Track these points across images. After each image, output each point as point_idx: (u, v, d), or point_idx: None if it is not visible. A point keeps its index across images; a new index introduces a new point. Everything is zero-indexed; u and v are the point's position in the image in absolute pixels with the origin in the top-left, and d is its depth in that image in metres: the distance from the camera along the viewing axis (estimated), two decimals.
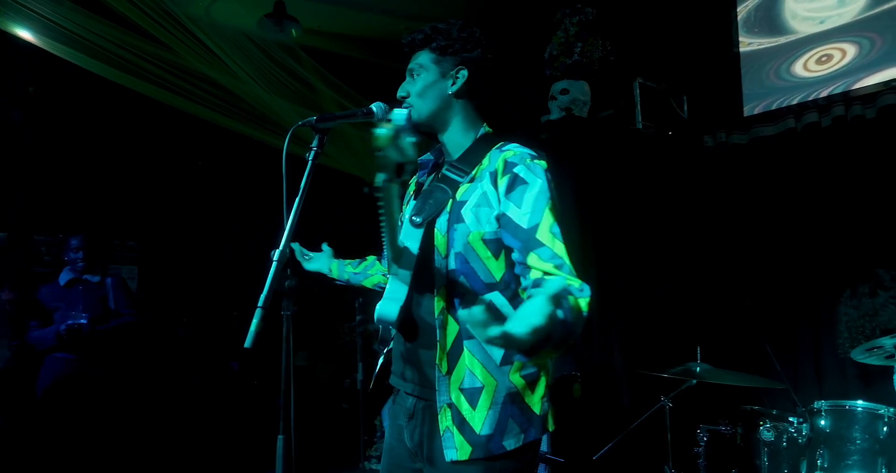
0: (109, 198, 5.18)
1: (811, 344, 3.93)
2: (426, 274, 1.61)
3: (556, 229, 1.49)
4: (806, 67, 4.10)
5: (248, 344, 1.40)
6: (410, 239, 1.63)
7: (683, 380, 3.21)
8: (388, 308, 1.59)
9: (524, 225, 1.50)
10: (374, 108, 1.68)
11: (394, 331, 1.76)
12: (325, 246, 2.39)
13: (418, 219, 1.62)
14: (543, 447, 3.40)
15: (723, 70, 4.34)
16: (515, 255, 1.53)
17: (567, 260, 1.45)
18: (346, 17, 5.00)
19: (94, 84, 4.58)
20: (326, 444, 4.65)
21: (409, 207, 1.74)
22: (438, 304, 1.58)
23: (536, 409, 1.59)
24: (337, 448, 4.78)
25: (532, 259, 1.47)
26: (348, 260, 2.31)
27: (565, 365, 3.54)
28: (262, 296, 1.40)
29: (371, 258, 2.27)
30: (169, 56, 4.61)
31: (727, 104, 4.31)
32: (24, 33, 4.18)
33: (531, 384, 1.58)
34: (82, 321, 3.93)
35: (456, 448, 1.53)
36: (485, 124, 1.73)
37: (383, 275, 2.13)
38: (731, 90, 4.30)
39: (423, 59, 1.69)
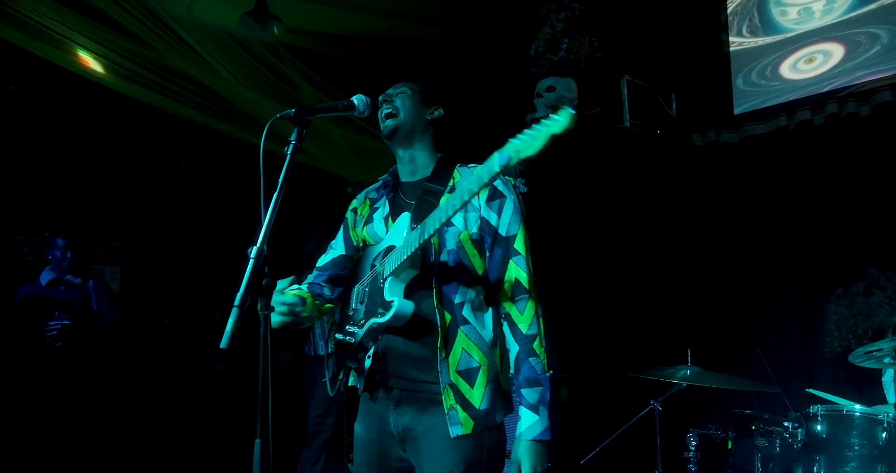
0: (92, 197, 5.12)
1: (802, 345, 3.86)
2: (423, 271, 1.77)
3: (528, 242, 1.82)
4: (796, 66, 4.04)
5: (223, 344, 1.35)
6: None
7: (673, 384, 3.12)
8: (406, 305, 1.71)
9: (503, 232, 1.81)
10: (356, 101, 1.70)
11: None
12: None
13: (415, 224, 1.75)
14: None
15: (712, 68, 4.28)
16: (494, 256, 1.81)
17: (531, 274, 1.79)
18: (328, 16, 4.91)
19: (76, 83, 4.50)
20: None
21: (401, 218, 1.86)
22: (436, 296, 1.75)
23: (506, 388, 1.80)
24: None
25: (511, 266, 1.79)
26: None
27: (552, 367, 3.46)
28: (239, 295, 1.36)
29: (303, 292, 1.93)
30: (151, 55, 4.54)
31: (717, 102, 4.25)
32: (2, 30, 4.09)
33: (503, 364, 1.80)
34: (66, 321, 3.88)
35: (461, 423, 1.69)
36: (440, 153, 1.96)
37: (332, 303, 2.00)
38: (720, 88, 4.24)
39: (411, 89, 1.90)
